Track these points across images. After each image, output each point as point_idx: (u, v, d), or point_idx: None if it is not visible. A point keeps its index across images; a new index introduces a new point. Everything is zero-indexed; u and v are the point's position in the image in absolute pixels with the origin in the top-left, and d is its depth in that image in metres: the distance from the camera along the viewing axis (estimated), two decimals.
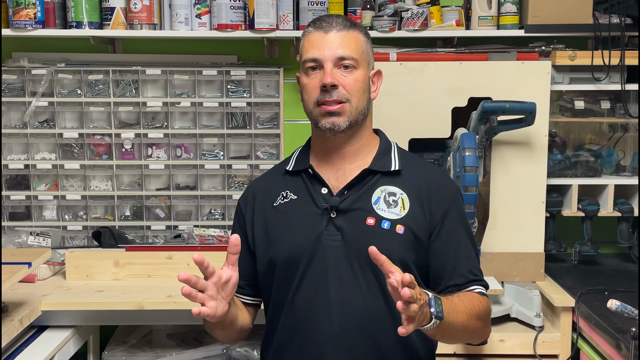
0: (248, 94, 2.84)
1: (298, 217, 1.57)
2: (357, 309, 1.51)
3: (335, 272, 1.52)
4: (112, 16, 2.62)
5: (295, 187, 1.61)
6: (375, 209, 1.55)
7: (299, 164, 1.64)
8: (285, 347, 1.57)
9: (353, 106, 1.54)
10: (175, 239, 2.70)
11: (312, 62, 1.54)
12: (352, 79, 1.54)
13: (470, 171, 2.20)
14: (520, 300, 2.39)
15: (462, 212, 1.62)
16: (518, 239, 2.49)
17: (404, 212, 1.55)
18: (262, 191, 1.66)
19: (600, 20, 2.51)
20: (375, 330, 1.52)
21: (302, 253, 1.54)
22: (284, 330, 1.57)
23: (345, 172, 1.59)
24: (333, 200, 1.55)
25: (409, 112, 2.46)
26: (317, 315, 1.53)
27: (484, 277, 1.62)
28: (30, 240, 2.63)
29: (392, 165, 1.60)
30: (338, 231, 1.54)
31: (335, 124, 1.53)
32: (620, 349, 1.90)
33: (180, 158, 2.88)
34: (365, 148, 1.62)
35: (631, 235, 2.64)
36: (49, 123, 2.85)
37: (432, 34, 2.62)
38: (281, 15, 2.61)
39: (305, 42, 1.58)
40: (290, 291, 1.55)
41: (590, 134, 2.72)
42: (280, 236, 1.57)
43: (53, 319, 2.29)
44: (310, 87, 1.55)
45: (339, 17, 1.59)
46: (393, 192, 1.57)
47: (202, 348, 2.52)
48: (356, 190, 1.57)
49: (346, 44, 1.54)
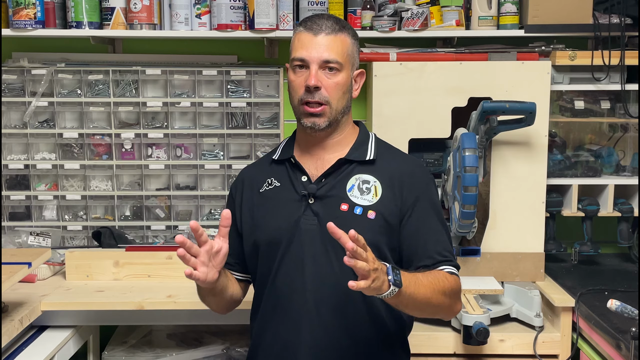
0: (248, 94, 2.84)
1: (280, 203, 1.72)
2: (330, 287, 1.65)
3: (311, 253, 1.67)
4: (112, 16, 2.62)
5: (279, 175, 1.76)
6: (349, 196, 1.68)
7: (284, 153, 1.79)
8: (268, 319, 1.73)
9: (333, 107, 1.67)
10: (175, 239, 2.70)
11: (299, 62, 1.68)
12: (335, 81, 1.66)
13: (470, 171, 2.20)
14: (520, 300, 2.39)
15: (433, 199, 1.74)
16: (518, 239, 2.49)
17: (376, 198, 1.68)
18: (250, 178, 1.81)
19: (600, 20, 2.51)
20: (346, 307, 1.66)
21: (282, 236, 1.69)
22: (267, 305, 1.72)
23: (324, 162, 1.73)
24: (311, 188, 1.70)
25: (409, 112, 2.46)
26: (294, 292, 1.67)
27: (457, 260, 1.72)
28: (30, 240, 2.63)
29: (367, 155, 1.74)
30: (315, 216, 1.68)
31: (316, 124, 1.67)
32: (620, 349, 1.90)
33: (180, 158, 2.88)
34: (345, 140, 1.76)
35: (631, 235, 2.64)
36: (49, 123, 2.85)
37: (432, 34, 2.62)
38: (281, 15, 2.61)
39: (295, 40, 1.72)
40: (272, 270, 1.70)
41: (590, 134, 2.72)
42: (264, 220, 1.73)
43: (53, 319, 2.29)
44: (297, 84, 1.69)
45: (330, 18, 1.70)
46: (367, 180, 1.70)
47: (202, 348, 2.52)
48: (333, 178, 1.71)
49: (332, 48, 1.66)
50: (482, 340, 2.16)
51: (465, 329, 2.20)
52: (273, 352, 1.71)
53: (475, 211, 2.25)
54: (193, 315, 2.28)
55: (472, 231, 2.42)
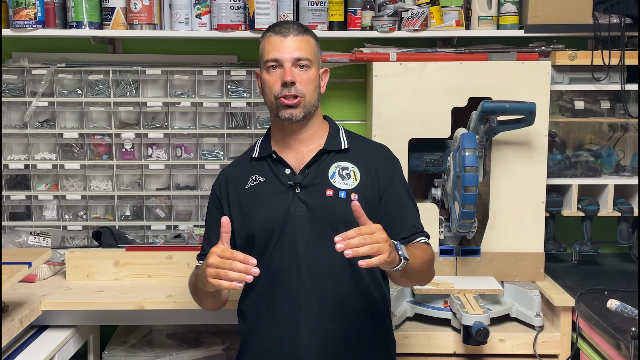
0: (248, 94, 2.84)
1: (268, 195, 1.84)
2: (323, 266, 1.79)
3: (303, 237, 1.80)
4: (112, 16, 2.62)
5: (262, 171, 1.88)
6: (332, 182, 1.83)
7: (263, 150, 1.92)
8: (264, 299, 1.83)
9: (307, 100, 1.82)
10: (175, 239, 2.70)
11: (273, 62, 1.82)
12: (307, 77, 1.82)
13: (470, 171, 2.20)
14: (520, 300, 2.39)
15: (402, 179, 1.93)
16: (518, 239, 2.49)
17: (356, 182, 1.84)
18: (233, 177, 1.92)
19: (600, 20, 2.51)
20: (339, 283, 1.81)
21: (275, 224, 1.81)
22: (262, 288, 1.83)
23: (303, 154, 1.87)
24: (296, 178, 1.83)
25: (409, 112, 2.46)
26: (289, 274, 1.80)
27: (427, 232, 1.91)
28: (31, 240, 2.63)
29: (341, 145, 1.90)
30: (303, 203, 1.81)
31: (293, 115, 1.81)
32: (620, 349, 1.90)
33: (180, 158, 2.88)
34: (318, 132, 1.91)
35: (631, 235, 2.64)
36: (49, 123, 2.85)
37: (432, 34, 2.62)
38: (281, 15, 2.61)
39: (266, 44, 1.86)
40: (266, 256, 1.81)
41: (590, 134, 2.72)
42: (255, 212, 1.84)
43: (53, 319, 2.29)
44: (272, 82, 1.82)
45: (294, 23, 1.88)
46: (345, 166, 1.86)
47: (202, 348, 2.52)
48: (315, 167, 1.85)
49: (302, 47, 1.82)
50: (482, 340, 2.16)
51: (465, 329, 2.20)
52: (273, 328, 1.82)
53: (475, 211, 2.25)
54: (193, 315, 2.28)
55: (472, 231, 2.42)
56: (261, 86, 1.87)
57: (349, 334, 1.81)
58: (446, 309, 2.33)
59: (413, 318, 2.37)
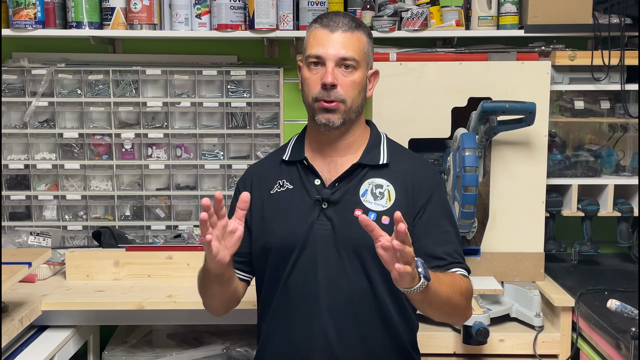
0: (248, 94, 2.84)
1: (292, 206, 1.68)
2: (343, 291, 1.63)
3: (324, 258, 1.64)
4: (112, 16, 2.62)
5: (291, 177, 1.72)
6: (362, 201, 1.66)
7: (295, 154, 1.75)
8: (278, 321, 1.70)
9: (348, 106, 1.64)
10: (175, 239, 2.70)
11: (315, 58, 1.63)
12: (351, 80, 1.64)
13: (470, 171, 2.20)
14: (520, 300, 2.39)
15: (444, 201, 1.72)
16: (518, 239, 2.49)
17: (389, 203, 1.66)
18: (259, 177, 1.77)
19: (600, 20, 2.51)
20: (359, 312, 1.65)
21: (296, 240, 1.66)
22: (278, 307, 1.70)
23: (337, 165, 1.70)
24: (325, 193, 1.67)
25: (409, 112, 2.46)
26: (307, 296, 1.65)
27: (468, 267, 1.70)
28: (30, 240, 2.63)
29: (380, 159, 1.71)
30: (329, 221, 1.65)
31: (330, 121, 1.64)
32: (620, 349, 1.90)
33: (180, 158, 2.88)
34: (357, 141, 1.73)
35: (631, 235, 2.64)
36: (49, 123, 2.85)
37: (432, 34, 2.62)
38: (281, 15, 2.61)
39: (310, 37, 1.66)
40: (284, 273, 1.67)
41: (590, 134, 2.72)
42: (275, 224, 1.69)
43: (53, 319, 2.29)
44: (312, 82, 1.64)
45: (346, 16, 1.66)
46: (380, 184, 1.68)
47: (202, 348, 2.52)
48: (346, 182, 1.68)
49: (349, 45, 1.62)
50: (482, 340, 2.16)
51: (465, 329, 2.20)
52: (283, 354, 1.70)
53: (475, 211, 2.25)
54: (193, 315, 2.28)
55: (472, 231, 2.42)
56: (301, 82, 1.69)
57: None
58: None
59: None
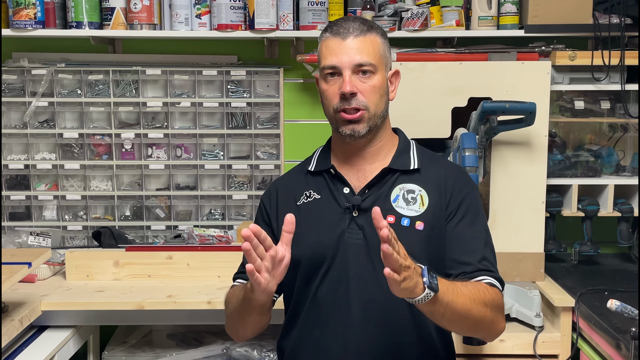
0: (248, 94, 2.84)
1: (322, 216, 1.61)
2: (377, 305, 1.55)
3: (357, 270, 1.56)
4: (112, 16, 2.62)
5: (318, 187, 1.65)
6: (394, 207, 1.59)
7: (321, 164, 1.68)
8: (305, 339, 1.62)
9: (372, 112, 1.57)
10: (175, 239, 2.70)
11: (330, 69, 1.57)
12: (371, 85, 1.56)
13: (470, 171, 2.20)
14: (520, 300, 2.39)
15: (477, 207, 1.64)
16: (518, 239, 2.49)
17: (422, 208, 1.59)
18: (284, 190, 1.70)
19: (600, 20, 2.51)
20: (394, 327, 1.56)
21: (326, 251, 1.58)
22: (305, 323, 1.62)
23: (365, 172, 1.63)
24: (355, 200, 1.59)
25: (409, 112, 2.46)
26: (338, 309, 1.57)
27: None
28: (30, 240, 2.63)
29: (411, 164, 1.64)
30: (360, 229, 1.58)
31: (355, 131, 1.57)
32: (620, 349, 1.90)
33: (180, 158, 2.88)
34: (385, 148, 1.66)
35: (631, 235, 2.64)
36: (49, 123, 2.85)
37: (432, 34, 2.62)
38: (281, 15, 2.61)
39: (323, 48, 1.60)
40: (313, 286, 1.60)
41: (590, 134, 2.72)
42: (304, 235, 1.58)
43: (53, 319, 2.29)
44: (330, 93, 1.58)
45: (356, 20, 1.60)
46: (412, 189, 1.61)
47: (202, 348, 2.52)
48: (376, 189, 1.61)
49: (364, 50, 1.56)
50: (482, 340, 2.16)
51: None
52: None
53: None
54: (193, 315, 2.28)
55: None
56: (320, 95, 1.62)
57: None
58: None
59: None
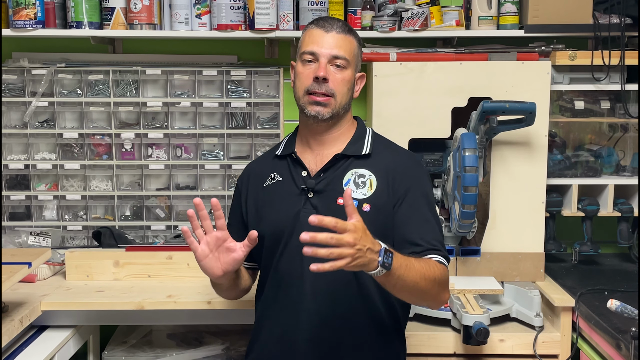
0: (248, 94, 2.84)
1: (282, 197, 1.81)
2: (326, 278, 1.65)
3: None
4: (112, 16, 2.62)
5: (281, 170, 1.85)
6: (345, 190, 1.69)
7: (286, 149, 1.88)
8: (270, 304, 1.82)
9: (337, 101, 1.76)
10: (175, 239, 2.70)
11: (309, 55, 1.76)
12: (341, 77, 1.76)
13: (470, 171, 2.20)
14: (520, 300, 2.39)
15: (425, 190, 1.80)
16: (518, 239, 2.49)
17: (370, 191, 1.75)
18: (255, 173, 1.91)
19: (600, 20, 2.51)
20: (341, 295, 1.74)
21: (284, 228, 1.77)
22: (269, 291, 1.82)
23: (323, 157, 1.81)
24: (310, 182, 1.78)
25: (409, 112, 2.46)
26: (293, 280, 1.76)
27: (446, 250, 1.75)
28: (30, 240, 2.63)
29: (363, 150, 1.81)
30: (314, 209, 1.75)
31: (320, 113, 1.75)
32: (620, 349, 1.90)
33: (180, 158, 2.88)
34: (344, 136, 1.84)
35: (631, 235, 2.64)
36: (49, 123, 2.85)
37: (432, 34, 2.62)
38: (281, 15, 2.61)
39: (306, 36, 1.80)
40: (275, 258, 1.79)
41: (590, 134, 2.72)
42: (267, 213, 1.82)
43: (53, 319, 2.29)
44: (304, 75, 1.76)
45: (340, 21, 1.82)
46: (362, 174, 1.78)
47: (202, 348, 2.52)
48: (331, 173, 1.79)
49: (342, 46, 1.76)
50: (482, 340, 2.16)
51: (465, 329, 2.20)
52: (274, 336, 1.80)
53: (475, 211, 2.25)
54: (193, 315, 2.28)
55: (472, 231, 2.42)
56: (293, 78, 1.81)
57: (349, 352, 1.75)
58: (446, 309, 2.33)
59: (413, 318, 2.37)
